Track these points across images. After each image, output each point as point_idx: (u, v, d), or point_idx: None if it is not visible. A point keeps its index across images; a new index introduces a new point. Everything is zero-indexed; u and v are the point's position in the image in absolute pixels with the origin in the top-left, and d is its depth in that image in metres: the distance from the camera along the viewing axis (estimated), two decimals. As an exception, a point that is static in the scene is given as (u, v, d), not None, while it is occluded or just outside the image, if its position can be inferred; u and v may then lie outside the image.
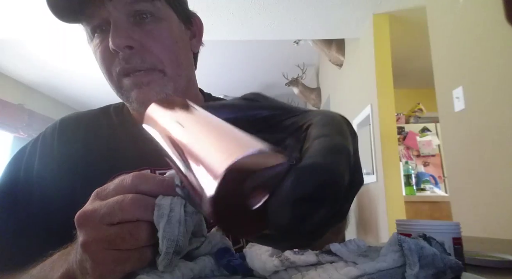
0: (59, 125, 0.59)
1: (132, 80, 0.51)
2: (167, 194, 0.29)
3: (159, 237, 0.27)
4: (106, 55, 0.51)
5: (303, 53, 3.68)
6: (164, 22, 0.53)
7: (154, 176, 0.29)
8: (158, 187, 0.29)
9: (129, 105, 0.55)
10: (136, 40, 0.50)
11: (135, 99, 0.51)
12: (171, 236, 0.27)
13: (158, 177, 0.29)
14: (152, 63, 0.51)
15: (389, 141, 2.28)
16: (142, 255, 0.28)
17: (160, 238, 0.27)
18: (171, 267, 0.29)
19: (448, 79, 1.62)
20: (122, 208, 0.27)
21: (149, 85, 0.51)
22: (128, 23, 0.50)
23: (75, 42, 3.06)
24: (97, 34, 0.52)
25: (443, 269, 0.24)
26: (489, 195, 1.34)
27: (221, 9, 2.40)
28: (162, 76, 0.52)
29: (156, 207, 0.27)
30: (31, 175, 0.55)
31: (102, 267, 0.28)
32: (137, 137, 0.58)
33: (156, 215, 0.27)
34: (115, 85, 0.53)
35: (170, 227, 0.27)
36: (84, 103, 4.91)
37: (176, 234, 0.27)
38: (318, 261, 0.29)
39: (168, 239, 0.27)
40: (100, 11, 0.49)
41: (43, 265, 0.37)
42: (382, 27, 2.42)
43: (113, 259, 0.28)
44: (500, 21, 0.87)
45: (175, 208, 0.28)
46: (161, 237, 0.27)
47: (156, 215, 0.27)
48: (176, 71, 0.54)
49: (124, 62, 0.50)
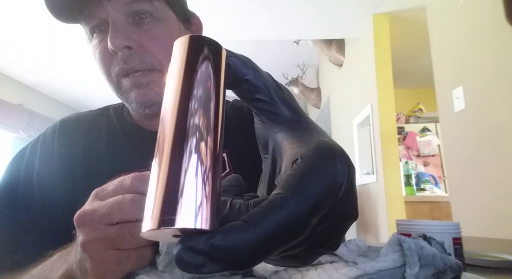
0: (59, 126, 0.60)
1: (132, 81, 0.51)
2: None
3: None
4: (105, 55, 0.51)
5: (303, 53, 3.68)
6: (163, 22, 0.53)
7: None
8: None
9: (129, 105, 0.55)
10: (135, 41, 0.49)
11: (135, 100, 0.51)
12: None
13: None
14: (151, 64, 0.51)
15: (389, 141, 2.28)
16: (142, 255, 0.28)
17: None
18: (171, 267, 0.29)
19: (448, 79, 1.62)
20: (121, 208, 0.27)
21: (149, 85, 0.51)
22: (127, 23, 0.50)
23: (75, 42, 3.06)
24: (95, 35, 0.52)
25: (443, 269, 0.24)
26: (489, 195, 1.34)
27: (221, 9, 2.40)
28: (162, 77, 0.52)
29: None
30: (31, 176, 0.55)
31: (102, 267, 0.28)
32: (136, 138, 0.58)
33: None
34: (114, 86, 0.53)
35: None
36: (84, 103, 4.91)
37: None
38: (318, 261, 0.29)
39: None
40: (99, 11, 0.49)
41: (43, 265, 0.37)
42: (382, 27, 2.42)
43: (113, 259, 0.28)
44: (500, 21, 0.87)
45: None
46: None
47: None
48: None
49: (123, 63, 0.50)
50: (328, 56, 3.23)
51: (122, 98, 0.54)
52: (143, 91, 0.51)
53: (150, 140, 0.52)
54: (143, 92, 0.51)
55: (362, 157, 2.65)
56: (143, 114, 0.55)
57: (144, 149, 0.55)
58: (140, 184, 0.29)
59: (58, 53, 3.34)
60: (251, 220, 0.14)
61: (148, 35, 0.51)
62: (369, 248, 0.29)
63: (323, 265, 0.28)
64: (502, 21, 0.77)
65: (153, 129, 0.59)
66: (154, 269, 0.29)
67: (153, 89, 0.51)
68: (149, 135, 0.57)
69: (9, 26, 2.67)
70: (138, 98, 0.51)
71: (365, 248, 0.29)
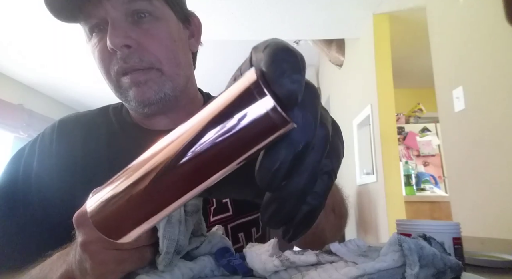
0: (57, 126, 0.60)
1: (130, 79, 0.51)
2: None
3: (159, 236, 0.27)
4: (104, 54, 0.51)
5: (303, 53, 3.59)
6: (162, 21, 0.53)
7: None
8: None
9: (128, 104, 0.55)
10: (134, 39, 0.50)
11: (134, 98, 0.52)
12: (172, 235, 0.27)
13: None
14: (150, 62, 0.51)
15: (389, 141, 2.28)
16: (142, 255, 0.28)
17: (160, 237, 0.27)
18: (171, 267, 0.29)
19: (448, 79, 1.62)
20: None
21: (147, 83, 0.51)
22: (126, 22, 0.50)
23: (75, 42, 3.06)
24: (95, 34, 0.52)
25: (443, 269, 0.24)
26: (489, 195, 1.34)
27: (221, 9, 2.40)
28: (160, 75, 0.52)
29: None
30: (30, 176, 0.54)
31: (102, 267, 0.28)
32: (135, 136, 0.58)
33: None
34: (113, 84, 0.53)
35: (171, 227, 0.27)
36: (83, 103, 4.91)
37: (176, 233, 0.27)
38: (318, 261, 0.29)
39: (169, 239, 0.27)
40: (98, 10, 0.49)
41: (42, 265, 0.37)
42: (382, 27, 2.41)
43: (113, 259, 0.28)
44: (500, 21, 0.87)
45: None
46: (162, 237, 0.27)
47: None
48: (175, 70, 0.54)
49: (122, 61, 0.50)
50: (328, 56, 3.23)
51: (122, 97, 0.54)
52: (142, 89, 0.51)
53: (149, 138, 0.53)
54: (142, 90, 0.51)
55: (362, 157, 2.65)
56: (142, 113, 0.56)
57: (141, 146, 0.55)
58: None
59: (58, 53, 3.34)
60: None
61: (147, 34, 0.51)
62: (369, 248, 0.29)
63: (323, 265, 0.28)
64: (502, 21, 0.77)
65: (152, 127, 0.59)
66: (154, 269, 0.29)
67: (151, 87, 0.51)
68: (148, 133, 0.57)
69: (9, 26, 2.66)
70: (137, 96, 0.51)
71: (365, 248, 0.29)
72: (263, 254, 0.31)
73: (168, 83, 0.53)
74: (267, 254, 0.31)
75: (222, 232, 0.36)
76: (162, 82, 0.52)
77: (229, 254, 0.33)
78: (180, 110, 0.59)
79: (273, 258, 0.30)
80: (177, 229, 0.27)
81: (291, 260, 0.29)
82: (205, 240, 0.34)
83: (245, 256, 0.33)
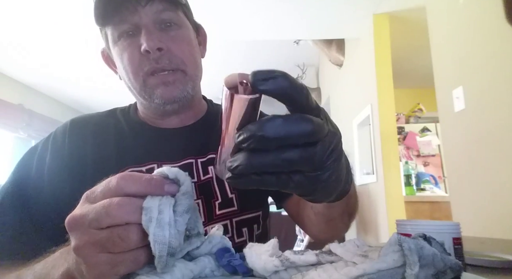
0: (70, 125, 0.64)
1: (159, 79, 0.57)
2: (155, 194, 0.28)
3: (150, 241, 0.27)
4: (134, 56, 0.57)
5: (303, 53, 3.68)
6: (184, 29, 0.61)
7: (141, 176, 0.29)
8: (145, 187, 0.28)
9: (150, 102, 0.59)
10: (165, 44, 0.57)
11: (161, 96, 0.58)
12: (162, 239, 0.27)
13: (145, 176, 0.29)
14: (176, 64, 0.58)
15: (389, 141, 2.28)
16: (136, 257, 0.28)
17: (151, 242, 0.27)
18: (168, 268, 0.29)
19: (448, 79, 1.62)
20: (108, 213, 0.27)
21: (174, 83, 0.58)
22: (156, 29, 0.57)
23: (75, 42, 3.06)
24: (123, 38, 0.58)
25: (443, 269, 0.24)
26: (489, 195, 1.34)
27: (221, 9, 2.40)
28: (184, 76, 0.59)
29: (144, 211, 0.27)
30: (43, 170, 0.58)
31: (96, 270, 0.28)
32: (142, 134, 0.63)
33: (145, 219, 0.27)
34: (139, 83, 0.58)
35: (160, 230, 0.27)
36: (84, 103, 4.90)
37: (167, 236, 0.27)
38: (318, 261, 0.29)
39: (160, 243, 0.27)
40: (133, 16, 0.56)
41: (45, 261, 0.38)
42: (382, 27, 2.41)
43: (107, 262, 0.28)
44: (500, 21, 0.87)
45: (164, 210, 0.28)
46: (152, 241, 0.26)
47: (145, 219, 0.27)
48: (195, 72, 0.62)
49: (154, 62, 0.56)
50: (328, 56, 3.23)
51: (145, 94, 0.59)
52: (170, 89, 0.58)
53: (156, 136, 0.53)
54: (170, 89, 0.58)
55: (362, 157, 2.65)
56: (162, 111, 0.62)
57: (149, 144, 0.61)
58: (126, 184, 0.28)
59: (58, 53, 3.34)
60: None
61: (174, 40, 0.58)
62: (369, 248, 0.29)
63: (323, 265, 0.28)
64: (502, 21, 0.77)
65: (162, 126, 0.64)
66: (154, 270, 0.29)
67: (178, 87, 0.58)
68: (155, 131, 0.63)
69: (9, 26, 2.66)
70: (164, 94, 0.58)
71: (365, 248, 0.29)
72: (263, 254, 0.31)
73: (190, 83, 0.60)
74: (267, 254, 0.31)
75: (222, 232, 0.36)
76: (186, 82, 0.60)
77: (229, 254, 0.33)
78: (189, 111, 0.66)
79: (273, 258, 0.30)
80: (167, 232, 0.27)
81: (291, 260, 0.29)
82: (206, 241, 0.34)
83: (245, 256, 0.33)
